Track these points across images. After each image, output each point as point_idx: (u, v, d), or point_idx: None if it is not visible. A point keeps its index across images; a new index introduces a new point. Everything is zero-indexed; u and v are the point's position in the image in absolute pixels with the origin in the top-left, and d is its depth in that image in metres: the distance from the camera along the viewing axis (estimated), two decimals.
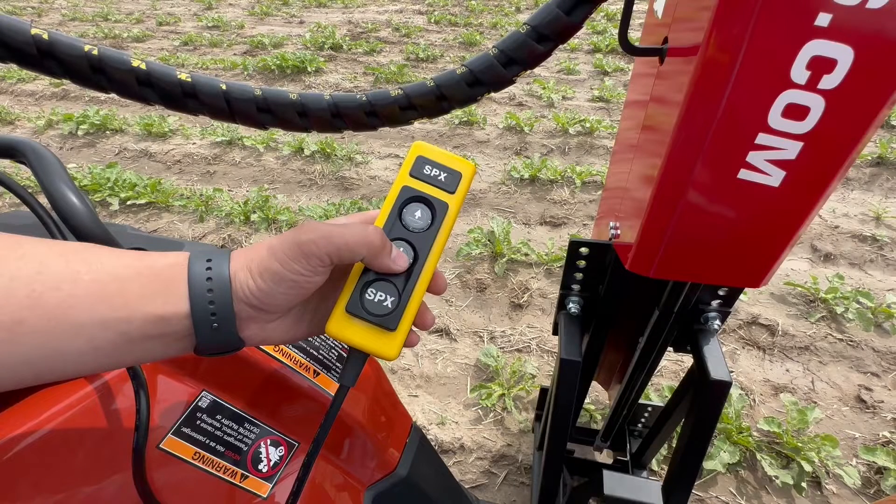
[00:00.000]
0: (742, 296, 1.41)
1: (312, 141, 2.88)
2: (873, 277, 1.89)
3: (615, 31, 4.49)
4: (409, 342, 0.38)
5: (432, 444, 1.25)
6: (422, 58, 4.16)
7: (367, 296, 0.35)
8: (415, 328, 0.38)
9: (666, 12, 0.48)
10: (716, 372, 0.69)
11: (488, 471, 1.34)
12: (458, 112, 3.08)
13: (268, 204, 2.36)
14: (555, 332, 0.84)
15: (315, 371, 0.56)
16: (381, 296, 0.35)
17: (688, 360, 1.61)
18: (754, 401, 1.48)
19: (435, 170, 0.39)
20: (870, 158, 2.51)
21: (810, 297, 1.79)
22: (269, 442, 0.50)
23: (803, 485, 1.25)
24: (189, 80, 0.41)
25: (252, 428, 0.49)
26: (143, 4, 6.44)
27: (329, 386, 0.56)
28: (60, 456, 0.35)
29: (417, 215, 0.38)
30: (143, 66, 0.40)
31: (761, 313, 1.74)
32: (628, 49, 0.45)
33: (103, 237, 0.40)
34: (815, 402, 1.46)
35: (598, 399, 1.49)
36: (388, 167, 2.74)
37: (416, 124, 1.45)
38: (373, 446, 0.61)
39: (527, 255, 2.01)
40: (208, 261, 0.32)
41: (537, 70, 3.77)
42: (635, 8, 0.82)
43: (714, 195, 0.43)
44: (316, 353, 0.58)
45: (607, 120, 3.07)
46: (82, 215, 0.40)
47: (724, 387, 0.69)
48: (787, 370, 1.57)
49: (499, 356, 1.60)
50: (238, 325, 0.32)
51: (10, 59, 0.37)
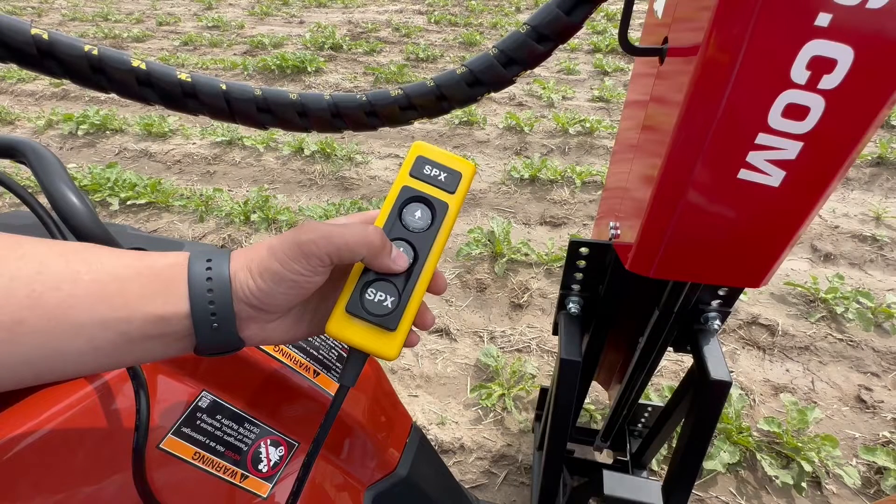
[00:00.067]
0: (742, 296, 1.41)
1: (312, 141, 2.88)
2: (873, 277, 1.89)
3: (615, 31, 4.49)
4: (409, 342, 0.38)
5: (432, 444, 1.25)
6: (422, 58, 4.16)
7: (367, 296, 0.35)
8: (415, 328, 0.38)
9: (666, 12, 0.48)
10: (716, 372, 0.69)
11: (488, 471, 1.34)
12: (458, 112, 3.08)
13: (268, 204, 2.36)
14: (555, 332, 0.84)
15: (315, 371, 0.56)
16: (381, 296, 0.35)
17: (688, 360, 1.61)
18: (754, 401, 1.48)
19: (435, 170, 0.39)
20: (870, 158, 2.51)
21: (810, 297, 1.79)
22: (269, 442, 0.50)
23: (803, 485, 1.25)
24: (189, 80, 0.41)
25: (252, 428, 0.49)
26: (143, 4, 6.44)
27: (329, 386, 0.56)
28: (60, 456, 0.35)
29: (417, 215, 0.38)
30: (143, 66, 0.40)
31: (761, 313, 1.74)
32: (628, 49, 0.45)
33: (103, 237, 0.40)
34: (815, 402, 1.46)
35: (598, 399, 1.49)
36: (388, 167, 2.74)
37: (416, 124, 1.45)
38: (373, 446, 0.61)
39: (527, 255, 2.01)
40: (208, 261, 0.32)
41: (537, 70, 3.77)
42: (635, 8, 0.82)
43: (714, 195, 0.43)
44: (316, 353, 0.58)
45: (607, 120, 3.07)
46: (82, 215, 0.40)
47: (724, 387, 0.69)
48: (787, 370, 1.57)
49: (499, 356, 1.60)
50: (238, 325, 0.32)
51: (10, 59, 0.37)
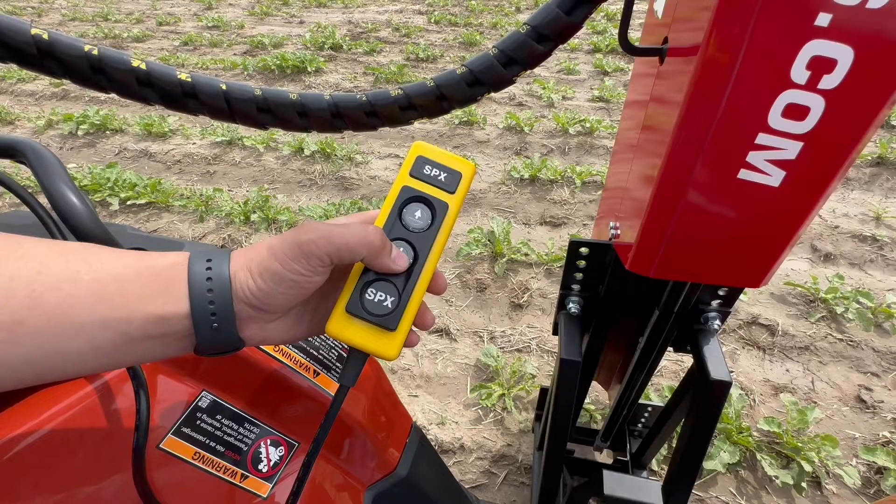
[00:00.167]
0: (742, 296, 1.41)
1: (312, 141, 2.88)
2: (873, 277, 1.89)
3: (615, 31, 4.49)
4: (409, 342, 0.38)
5: (432, 444, 1.25)
6: (422, 58, 4.16)
7: (367, 296, 0.35)
8: (415, 328, 0.38)
9: (666, 12, 0.48)
10: (716, 372, 0.69)
11: (488, 471, 1.34)
12: (458, 112, 3.08)
13: (268, 204, 2.36)
14: (555, 332, 0.84)
15: (315, 371, 0.56)
16: (381, 296, 0.35)
17: (688, 360, 1.61)
18: (754, 401, 1.48)
19: (435, 170, 0.39)
20: (870, 158, 2.51)
21: (810, 297, 1.79)
22: (269, 442, 0.50)
23: (803, 485, 1.25)
24: (189, 80, 0.41)
25: (252, 428, 0.49)
26: (143, 4, 6.44)
27: (329, 386, 0.56)
28: (60, 456, 0.35)
29: (417, 215, 0.38)
30: (143, 66, 0.40)
31: (761, 313, 1.74)
32: (628, 49, 0.45)
33: (103, 237, 0.40)
34: (815, 402, 1.46)
35: (598, 399, 1.49)
36: (388, 167, 2.74)
37: (416, 124, 1.45)
38: (373, 446, 0.61)
39: (527, 255, 2.01)
40: (208, 261, 0.32)
41: (537, 70, 3.77)
42: (635, 8, 0.82)
43: (714, 195, 0.43)
44: (316, 353, 0.58)
45: (607, 120, 3.07)
46: (82, 215, 0.40)
47: (724, 387, 0.69)
48: (787, 370, 1.57)
49: (499, 356, 1.60)
50: (238, 325, 0.32)
51: (10, 59, 0.37)
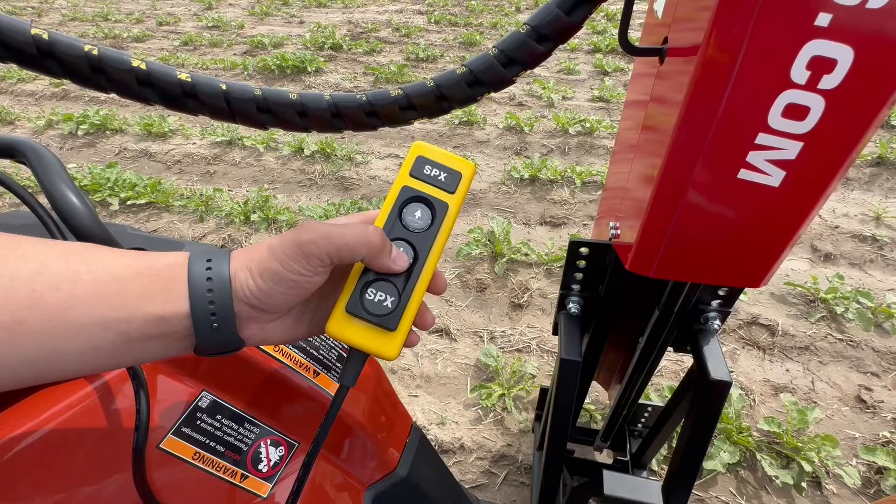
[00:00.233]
0: (742, 296, 1.41)
1: (312, 141, 2.88)
2: (873, 277, 1.89)
3: (615, 31, 4.49)
4: (409, 342, 0.38)
5: (432, 444, 1.25)
6: (422, 58, 4.16)
7: (367, 296, 0.35)
8: (415, 328, 0.38)
9: (666, 12, 0.48)
10: (716, 372, 0.69)
11: (488, 471, 1.34)
12: (458, 112, 3.08)
13: (268, 204, 2.36)
14: (555, 332, 0.84)
15: (315, 371, 0.56)
16: (381, 296, 0.35)
17: (688, 360, 1.61)
18: (754, 401, 1.48)
19: (435, 170, 0.39)
20: (870, 158, 2.51)
21: (810, 297, 1.79)
22: (269, 442, 0.50)
23: (803, 485, 1.25)
24: (189, 80, 0.41)
25: (252, 428, 0.49)
26: (143, 4, 6.44)
27: (329, 386, 0.56)
28: (60, 456, 0.35)
29: (417, 215, 0.38)
30: (143, 66, 0.40)
31: (761, 313, 1.74)
32: (628, 49, 0.45)
33: (103, 237, 0.40)
34: (815, 402, 1.46)
35: (598, 399, 1.49)
36: (388, 167, 2.74)
37: (416, 124, 1.45)
38: (373, 446, 0.61)
39: (527, 255, 2.01)
40: (208, 261, 0.32)
41: (537, 70, 3.77)
42: (635, 8, 0.82)
43: (714, 195, 0.43)
44: (316, 353, 0.58)
45: (607, 120, 3.07)
46: (82, 215, 0.40)
47: (724, 387, 0.69)
48: (787, 370, 1.57)
49: (499, 356, 1.60)
50: (238, 325, 0.32)
51: (10, 59, 0.37)
